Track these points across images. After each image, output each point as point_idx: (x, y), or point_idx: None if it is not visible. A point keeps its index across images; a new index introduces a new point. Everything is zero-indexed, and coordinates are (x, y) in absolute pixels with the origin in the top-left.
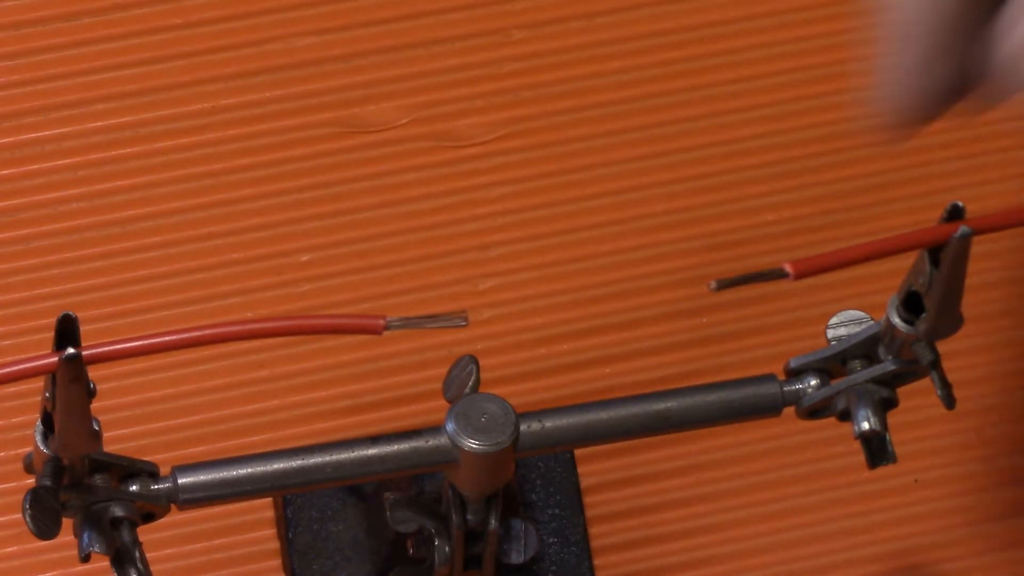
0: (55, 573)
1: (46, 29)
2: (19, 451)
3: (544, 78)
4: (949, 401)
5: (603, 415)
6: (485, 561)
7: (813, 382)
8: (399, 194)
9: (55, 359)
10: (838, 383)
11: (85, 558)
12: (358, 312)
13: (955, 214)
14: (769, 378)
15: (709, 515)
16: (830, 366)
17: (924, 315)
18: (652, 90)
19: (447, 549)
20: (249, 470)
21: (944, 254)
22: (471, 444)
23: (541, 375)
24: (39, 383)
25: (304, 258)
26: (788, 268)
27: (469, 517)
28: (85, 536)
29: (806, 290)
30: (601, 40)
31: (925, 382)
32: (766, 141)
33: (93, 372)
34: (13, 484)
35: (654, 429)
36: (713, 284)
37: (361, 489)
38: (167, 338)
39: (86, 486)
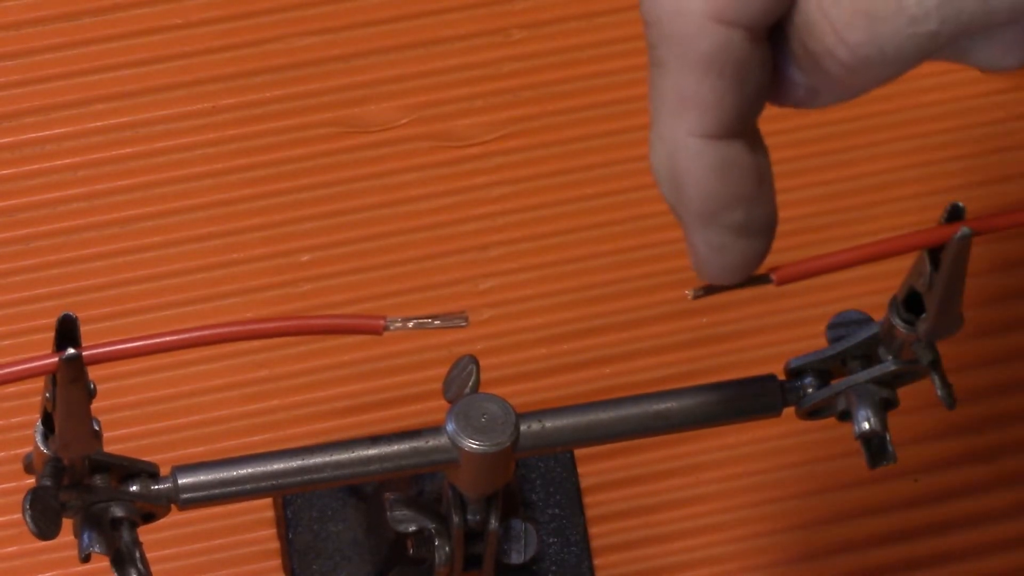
0: (55, 573)
1: (46, 29)
2: (19, 451)
3: (544, 78)
4: (949, 401)
5: (603, 415)
6: (485, 561)
7: (813, 382)
8: (399, 194)
9: (55, 359)
10: (838, 383)
11: (85, 558)
12: (358, 312)
13: (955, 214)
14: (769, 378)
15: (709, 515)
16: (830, 366)
17: (924, 315)
18: None
19: (447, 549)
20: (249, 470)
21: (944, 255)
22: (471, 444)
23: (541, 375)
24: (39, 383)
25: (304, 258)
26: (771, 275)
27: (469, 517)
28: (85, 536)
29: (806, 290)
30: (601, 40)
31: (925, 382)
32: (766, 141)
33: (93, 372)
34: (13, 484)
35: (654, 429)
36: (690, 292)
37: (361, 489)
38: (167, 338)
39: (86, 486)
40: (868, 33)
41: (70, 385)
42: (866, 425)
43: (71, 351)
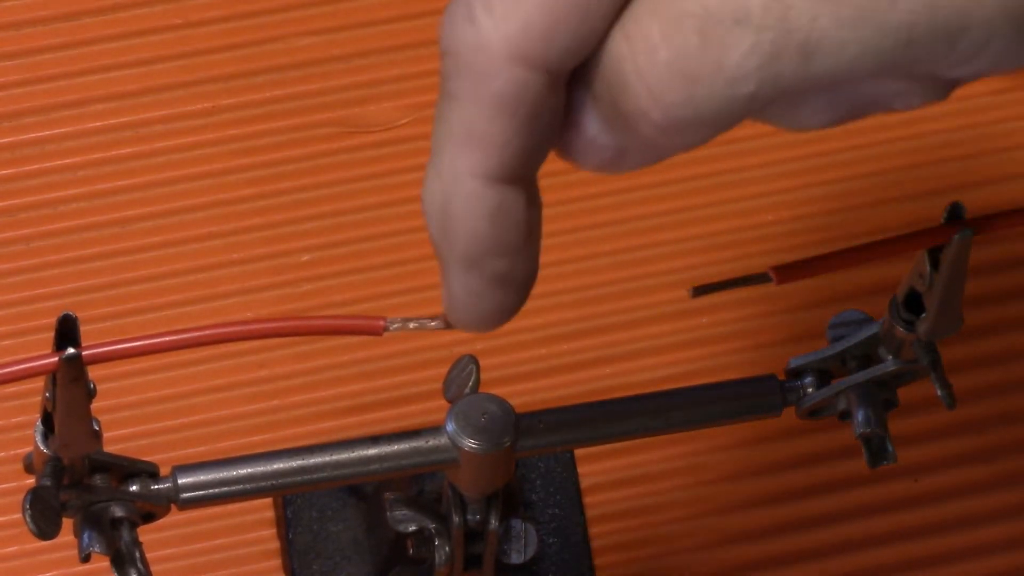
0: (55, 573)
1: (46, 29)
2: (19, 451)
3: None
4: (949, 401)
5: (603, 415)
6: (485, 561)
7: (813, 382)
8: (399, 194)
9: (55, 359)
10: (838, 383)
11: (85, 558)
12: (358, 312)
13: (955, 214)
14: (769, 378)
15: (709, 515)
16: (830, 366)
17: (924, 315)
18: None
19: (447, 549)
20: (249, 470)
21: (944, 255)
22: (471, 444)
23: (541, 375)
24: (39, 383)
25: (304, 258)
26: (771, 274)
27: (469, 517)
28: (85, 536)
29: (806, 290)
30: None
31: (925, 382)
32: (766, 141)
33: (93, 372)
34: (13, 484)
35: (654, 429)
36: (690, 291)
37: (361, 489)
38: (167, 338)
39: (86, 486)
40: (684, 94)
41: (70, 385)
42: (866, 425)
43: (71, 351)
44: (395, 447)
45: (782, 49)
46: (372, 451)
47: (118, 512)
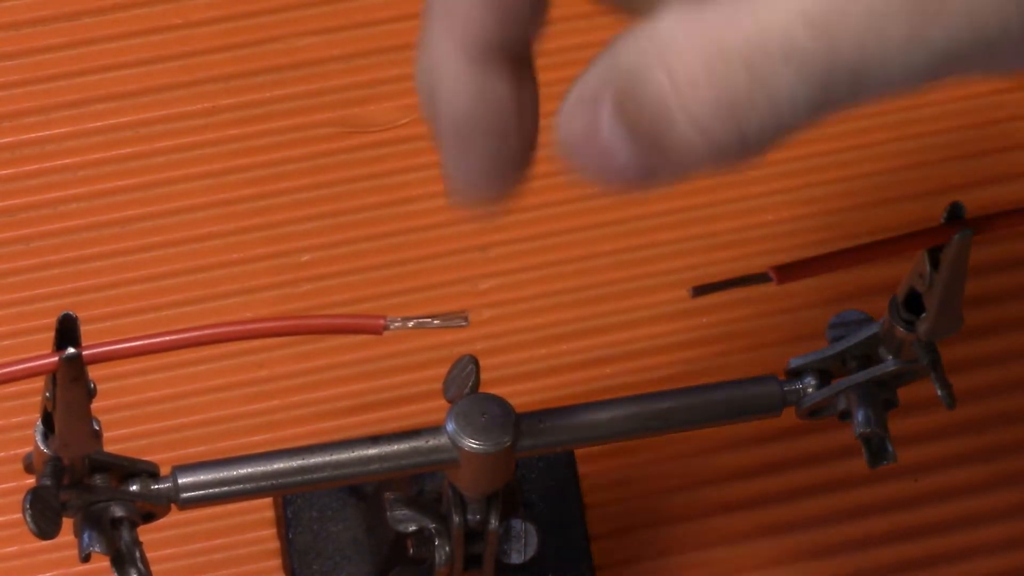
0: (55, 573)
1: (46, 29)
2: (19, 451)
3: (544, 78)
4: (949, 401)
5: (603, 415)
6: (485, 561)
7: (813, 382)
8: (399, 194)
9: (55, 359)
10: (838, 383)
11: (85, 558)
12: (358, 312)
13: (955, 214)
14: (769, 378)
15: (709, 516)
16: (830, 366)
17: (924, 315)
18: None
19: (447, 549)
20: (249, 470)
21: (944, 254)
22: (471, 444)
23: (541, 375)
24: (39, 383)
25: (304, 258)
26: (771, 274)
27: (469, 517)
28: (85, 536)
29: (806, 290)
30: (601, 40)
31: (925, 382)
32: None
33: (93, 372)
34: (13, 484)
35: (654, 429)
36: (691, 291)
37: (361, 489)
38: (167, 338)
39: (86, 486)
40: (733, 127)
41: (70, 385)
42: (866, 425)
43: (71, 351)
44: (395, 447)
45: (832, 77)
46: (372, 451)
47: (118, 512)
